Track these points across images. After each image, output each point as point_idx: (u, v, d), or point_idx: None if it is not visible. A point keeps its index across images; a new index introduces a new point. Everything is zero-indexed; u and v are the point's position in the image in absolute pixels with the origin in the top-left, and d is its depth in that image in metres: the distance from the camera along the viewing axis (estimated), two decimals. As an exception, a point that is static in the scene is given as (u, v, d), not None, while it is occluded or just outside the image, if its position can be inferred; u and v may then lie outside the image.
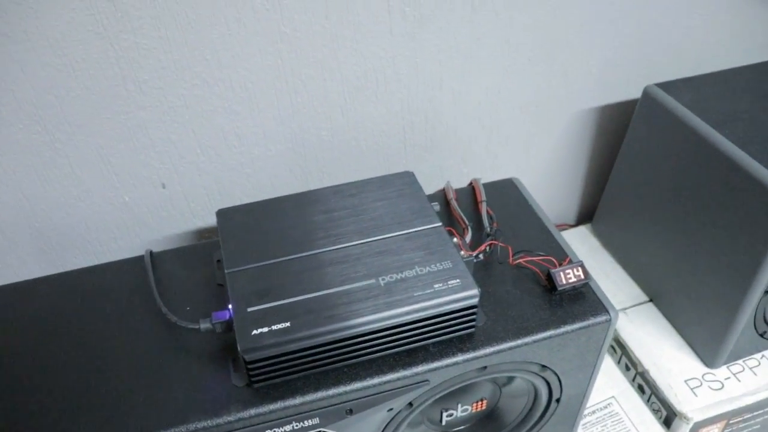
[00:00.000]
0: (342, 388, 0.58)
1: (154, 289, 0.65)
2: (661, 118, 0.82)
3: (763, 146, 0.73)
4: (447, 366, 0.60)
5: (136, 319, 0.64)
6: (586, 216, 1.11)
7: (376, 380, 0.59)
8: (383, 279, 0.60)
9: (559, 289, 0.65)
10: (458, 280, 0.60)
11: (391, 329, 0.58)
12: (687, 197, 0.81)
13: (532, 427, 0.74)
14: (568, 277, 0.66)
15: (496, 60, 0.84)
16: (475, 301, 0.59)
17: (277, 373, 0.57)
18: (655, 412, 0.84)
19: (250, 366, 0.56)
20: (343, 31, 0.74)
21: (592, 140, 1.00)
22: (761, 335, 0.82)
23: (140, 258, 0.71)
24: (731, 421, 0.84)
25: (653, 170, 0.86)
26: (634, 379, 0.87)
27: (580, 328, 0.64)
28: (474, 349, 0.61)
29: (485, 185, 0.79)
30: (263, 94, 0.76)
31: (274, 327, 0.56)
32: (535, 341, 0.63)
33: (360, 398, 0.59)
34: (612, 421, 0.82)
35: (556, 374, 0.68)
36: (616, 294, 0.95)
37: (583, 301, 0.66)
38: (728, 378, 0.84)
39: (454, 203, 0.74)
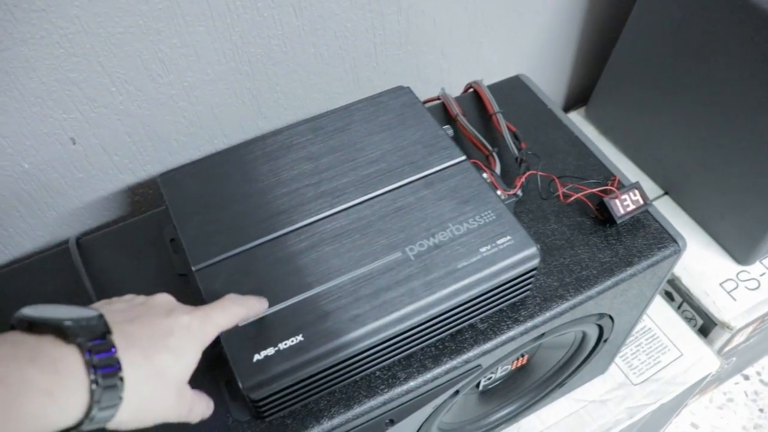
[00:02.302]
0: (379, 398, 0.44)
1: (94, 297, 0.48)
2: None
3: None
4: (502, 344, 0.48)
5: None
6: (577, 100, 0.97)
7: (419, 380, 0.45)
8: (412, 249, 0.45)
9: (618, 221, 0.52)
10: (509, 237, 0.45)
11: (434, 318, 0.44)
12: (720, 74, 0.67)
13: (575, 370, 0.64)
14: (625, 205, 0.53)
15: None
16: (536, 262, 0.45)
17: (294, 400, 0.42)
18: (688, 320, 0.75)
19: (257, 403, 0.41)
20: None
21: (589, 11, 0.84)
22: (798, 223, 0.73)
23: (65, 248, 0.53)
24: (766, 318, 0.77)
25: (674, 43, 0.71)
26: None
27: (648, 266, 0.52)
28: (531, 316, 0.48)
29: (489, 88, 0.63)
30: (189, 1, 0.55)
31: (282, 345, 0.40)
32: (599, 292, 0.50)
33: (401, 405, 0.46)
34: (646, 339, 0.73)
35: (611, 318, 0.57)
36: (625, 190, 0.83)
37: (645, 231, 0.53)
38: (763, 274, 0.75)
39: (462, 120, 0.58)
